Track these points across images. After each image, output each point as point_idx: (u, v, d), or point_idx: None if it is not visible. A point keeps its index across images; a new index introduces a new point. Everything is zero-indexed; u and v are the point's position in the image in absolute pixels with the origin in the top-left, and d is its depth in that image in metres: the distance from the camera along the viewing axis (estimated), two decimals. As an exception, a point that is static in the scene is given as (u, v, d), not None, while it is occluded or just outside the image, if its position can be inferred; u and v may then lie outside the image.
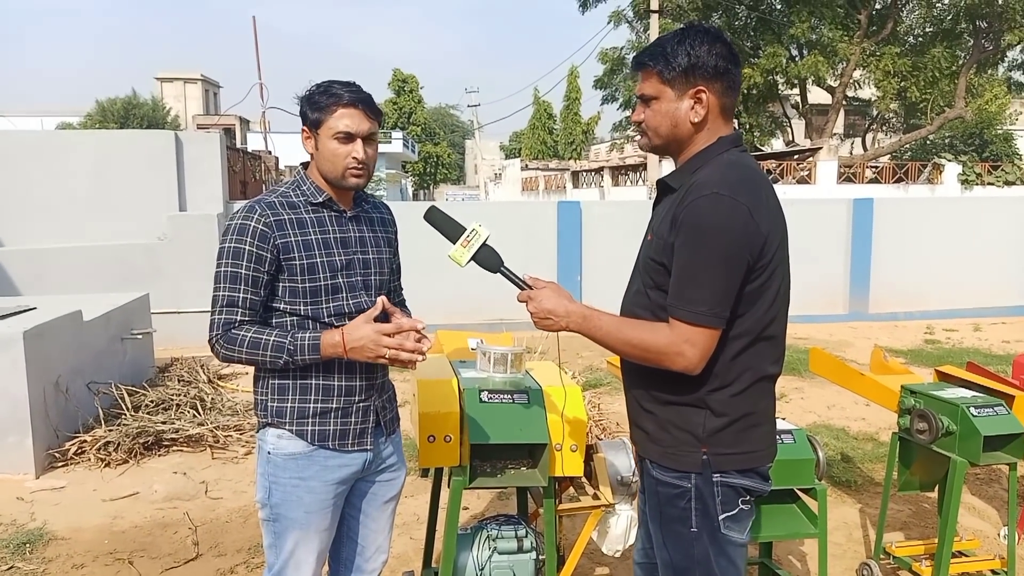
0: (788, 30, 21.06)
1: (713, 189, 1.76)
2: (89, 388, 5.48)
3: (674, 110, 1.88)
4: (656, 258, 1.87)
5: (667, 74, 1.85)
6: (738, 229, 1.74)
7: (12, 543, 3.84)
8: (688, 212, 1.77)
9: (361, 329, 1.99)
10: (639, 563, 2.27)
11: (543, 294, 1.92)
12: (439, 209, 2.14)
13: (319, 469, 2.13)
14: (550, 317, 1.90)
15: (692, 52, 1.83)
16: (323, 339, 2.01)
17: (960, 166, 22.98)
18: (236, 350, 2.02)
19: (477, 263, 2.07)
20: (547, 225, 10.07)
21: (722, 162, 1.85)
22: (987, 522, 4.23)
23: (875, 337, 9.58)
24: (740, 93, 1.99)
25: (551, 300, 1.91)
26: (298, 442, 2.12)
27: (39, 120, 33.47)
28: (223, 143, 9.35)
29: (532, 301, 1.93)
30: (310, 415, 2.11)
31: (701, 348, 1.77)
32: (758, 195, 1.80)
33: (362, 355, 2.00)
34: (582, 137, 47.64)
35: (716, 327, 1.77)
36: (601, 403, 6.21)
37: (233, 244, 2.02)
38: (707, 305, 1.75)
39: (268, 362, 2.03)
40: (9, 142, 9.01)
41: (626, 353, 1.88)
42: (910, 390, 3.27)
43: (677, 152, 1.95)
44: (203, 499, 4.49)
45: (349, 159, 2.07)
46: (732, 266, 1.76)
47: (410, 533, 3.96)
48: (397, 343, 1.98)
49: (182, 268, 8.63)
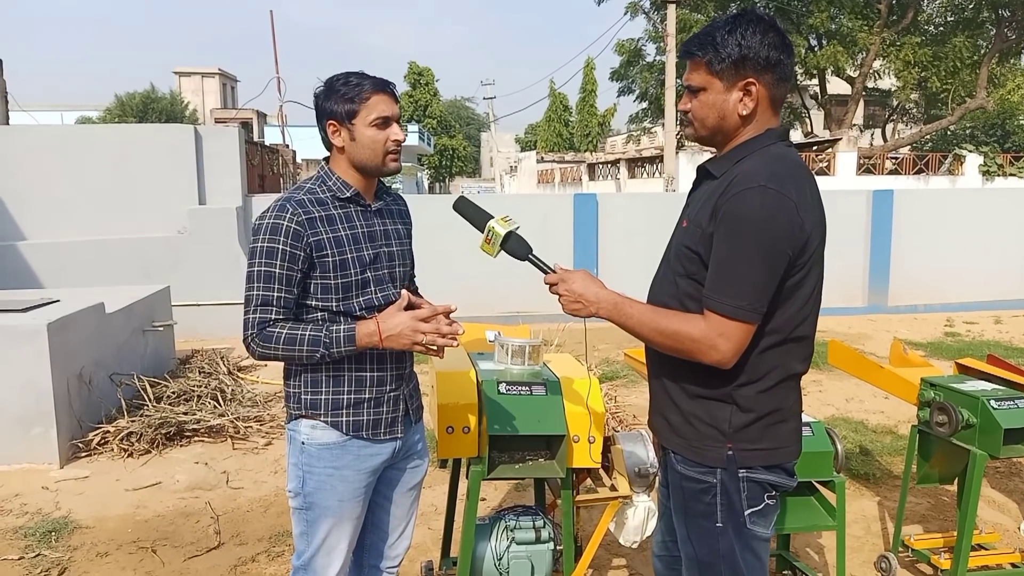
0: (807, 20, 20.83)
1: (760, 182, 1.72)
2: (112, 379, 5.56)
3: (722, 102, 1.83)
4: (691, 246, 1.84)
5: (716, 65, 1.80)
6: (783, 224, 1.71)
7: (38, 531, 3.91)
8: (732, 204, 1.73)
9: (396, 317, 2.02)
10: (659, 555, 2.27)
11: (574, 277, 1.91)
12: (467, 199, 2.17)
13: (353, 458, 2.16)
14: (580, 301, 1.88)
15: (743, 43, 1.76)
16: (359, 330, 2.03)
17: (981, 157, 22.67)
18: (272, 347, 2.03)
19: (506, 251, 2.08)
20: (563, 218, 10.06)
21: (769, 155, 1.80)
22: (1007, 516, 4.20)
23: (894, 330, 9.50)
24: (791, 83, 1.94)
25: (581, 284, 1.89)
26: (332, 432, 2.15)
27: (59, 114, 33.73)
28: (241, 137, 9.40)
29: (563, 283, 1.91)
30: (344, 406, 2.14)
31: (736, 342, 1.75)
32: (804, 191, 1.76)
33: (398, 343, 2.02)
34: (598, 129, 47.40)
35: (753, 322, 1.75)
36: (618, 395, 6.21)
37: (267, 244, 2.03)
38: (746, 300, 1.72)
39: (305, 357, 2.04)
40: (32, 137, 9.10)
41: (657, 343, 1.85)
42: (930, 383, 3.25)
43: (723, 143, 1.90)
44: (224, 489, 4.55)
45: (389, 143, 2.09)
46: (773, 261, 1.72)
47: (428, 523, 3.99)
48: (433, 328, 2.01)
49: (202, 261, 8.71)
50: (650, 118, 27.90)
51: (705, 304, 1.78)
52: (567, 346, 7.04)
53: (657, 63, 24.53)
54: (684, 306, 1.86)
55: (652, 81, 24.84)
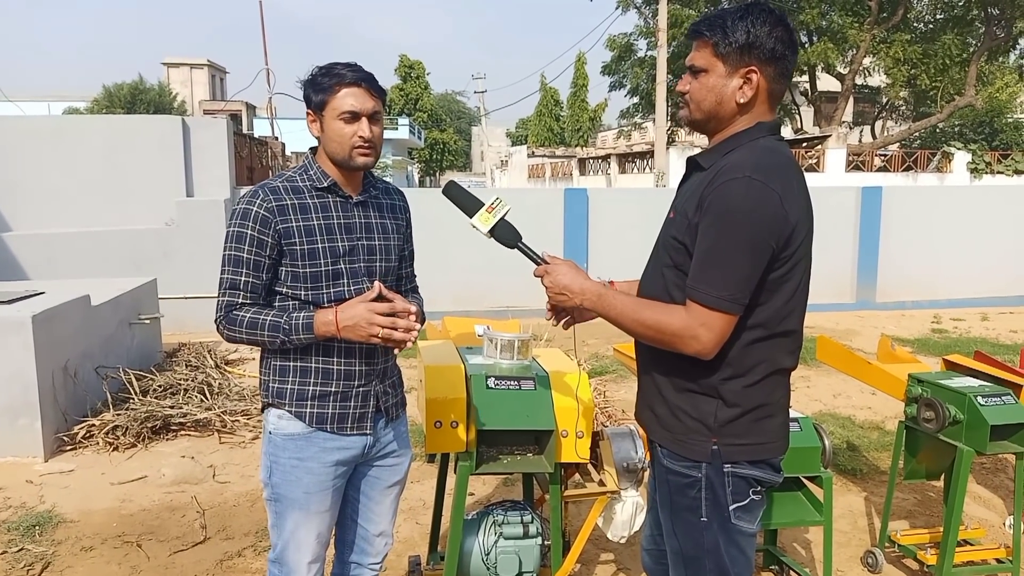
0: (797, 16, 20.89)
1: (745, 172, 1.72)
2: (97, 372, 5.51)
3: (721, 86, 1.83)
4: (677, 236, 1.84)
5: (722, 47, 1.80)
6: (767, 215, 1.71)
7: (22, 525, 3.87)
8: (716, 194, 1.73)
9: (355, 308, 2.00)
10: (647, 549, 2.28)
11: (559, 269, 1.93)
12: (457, 184, 2.15)
13: (317, 451, 2.14)
14: (565, 293, 1.90)
15: (752, 30, 1.77)
16: (316, 318, 2.02)
17: (969, 155, 22.82)
18: (236, 330, 2.05)
19: (495, 238, 2.07)
20: (554, 212, 10.05)
21: (757, 147, 1.81)
22: (993, 511, 4.23)
23: (882, 326, 9.55)
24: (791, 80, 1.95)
25: (567, 276, 1.91)
26: (297, 423, 2.14)
27: (46, 105, 33.41)
28: (230, 129, 9.34)
29: (548, 276, 1.93)
30: (309, 397, 2.13)
31: (717, 333, 1.74)
32: (789, 183, 1.76)
33: (355, 333, 2.00)
34: (589, 124, 47.43)
35: (734, 313, 1.74)
36: (607, 390, 6.21)
37: (236, 228, 2.05)
38: (728, 290, 1.72)
39: (267, 342, 2.06)
40: (20, 127, 9.01)
41: (639, 334, 1.86)
42: (917, 379, 3.26)
43: (715, 130, 1.89)
44: (211, 483, 4.52)
45: (355, 138, 2.06)
46: (756, 252, 1.72)
47: (416, 518, 3.98)
48: (390, 322, 1.98)
49: (190, 254, 8.66)
50: (641, 113, 27.94)
51: (688, 294, 1.78)
52: (556, 341, 7.03)
53: (648, 58, 24.55)
54: (671, 296, 1.86)
55: (643, 76, 24.85)
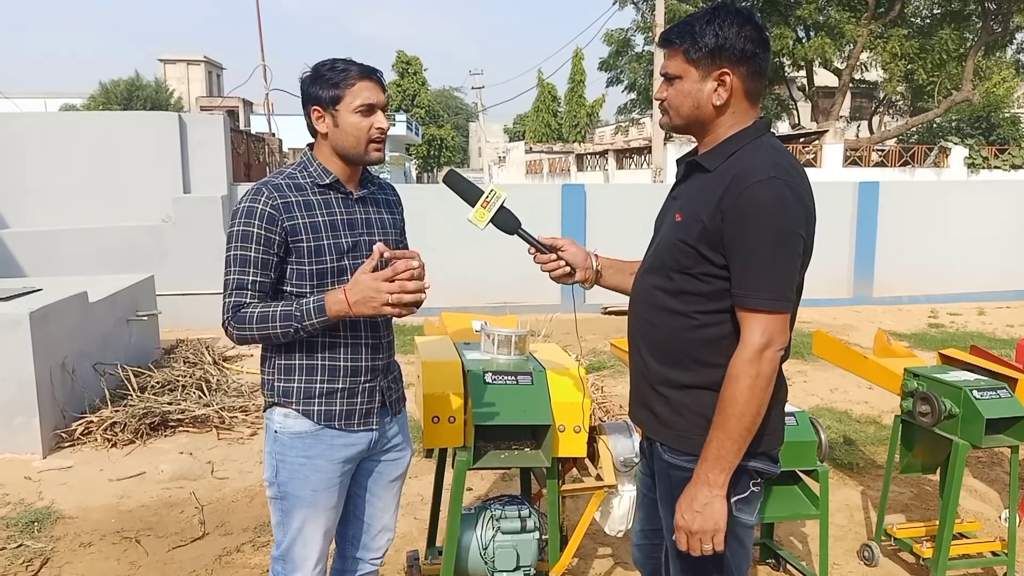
0: (795, 11, 20.85)
1: (768, 174, 1.74)
2: (95, 369, 5.52)
3: (697, 91, 1.85)
4: (688, 241, 1.83)
5: (693, 54, 1.82)
6: (797, 212, 1.75)
7: (21, 521, 3.88)
8: (745, 199, 1.74)
9: (360, 282, 1.95)
10: (637, 544, 2.28)
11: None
12: (457, 172, 2.16)
13: (325, 448, 2.14)
14: (699, 535, 1.81)
15: (720, 33, 1.79)
16: (327, 299, 1.98)
17: (967, 150, 22.80)
18: (247, 328, 2.01)
19: (495, 225, 2.07)
20: (551, 208, 10.04)
21: (764, 146, 1.83)
22: (988, 505, 4.25)
23: (879, 321, 9.57)
24: (767, 78, 1.95)
25: (700, 517, 1.80)
26: (304, 421, 2.13)
27: (43, 102, 33.31)
28: (227, 125, 9.32)
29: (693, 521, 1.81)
30: (316, 395, 2.12)
31: (785, 334, 1.78)
32: (805, 180, 1.81)
33: (367, 307, 1.94)
34: (586, 120, 47.35)
35: (788, 311, 1.78)
36: (604, 385, 6.22)
37: (241, 227, 2.01)
38: (779, 290, 1.75)
39: (280, 334, 2.00)
40: (16, 124, 8.99)
41: (753, 419, 1.77)
42: (913, 373, 3.27)
43: (700, 133, 1.92)
44: (209, 479, 4.53)
45: (373, 130, 2.06)
46: (795, 248, 1.76)
47: (414, 513, 3.99)
48: (399, 286, 1.92)
49: (187, 250, 8.65)
50: (638, 109, 27.89)
51: (739, 303, 1.78)
52: (554, 336, 7.04)
53: (645, 54, 24.50)
54: (676, 299, 1.87)
55: (641, 72, 24.80)
